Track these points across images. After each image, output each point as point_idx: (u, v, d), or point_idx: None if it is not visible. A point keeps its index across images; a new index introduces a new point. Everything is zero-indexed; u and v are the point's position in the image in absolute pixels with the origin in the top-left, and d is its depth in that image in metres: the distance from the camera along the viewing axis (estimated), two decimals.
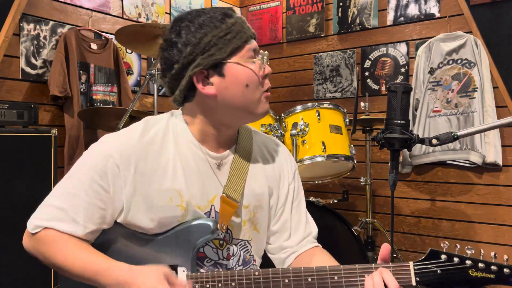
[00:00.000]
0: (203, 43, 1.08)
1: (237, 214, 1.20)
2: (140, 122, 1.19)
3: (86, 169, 1.11)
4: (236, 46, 1.10)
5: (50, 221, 1.10)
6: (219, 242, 1.19)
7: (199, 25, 1.09)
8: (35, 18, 2.68)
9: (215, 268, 1.19)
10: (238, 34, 1.10)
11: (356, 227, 2.53)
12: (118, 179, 1.09)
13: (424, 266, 1.01)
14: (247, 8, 4.20)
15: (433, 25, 3.25)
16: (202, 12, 1.12)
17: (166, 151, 1.13)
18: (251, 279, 1.07)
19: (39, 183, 2.19)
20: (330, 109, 2.59)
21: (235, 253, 1.21)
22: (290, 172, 1.32)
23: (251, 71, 1.12)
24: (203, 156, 1.17)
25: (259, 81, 1.13)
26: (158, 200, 1.11)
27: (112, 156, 1.09)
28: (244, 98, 1.12)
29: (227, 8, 1.15)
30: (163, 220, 1.13)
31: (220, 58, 1.09)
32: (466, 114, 3.05)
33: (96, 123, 2.80)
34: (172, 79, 1.13)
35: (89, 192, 1.09)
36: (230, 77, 1.11)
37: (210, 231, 1.12)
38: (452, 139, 1.19)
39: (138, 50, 2.97)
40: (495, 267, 0.98)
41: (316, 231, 1.34)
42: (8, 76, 2.57)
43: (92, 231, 1.11)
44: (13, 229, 2.03)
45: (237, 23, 1.11)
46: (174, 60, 1.11)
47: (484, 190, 3.08)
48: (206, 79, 1.11)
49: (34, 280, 2.14)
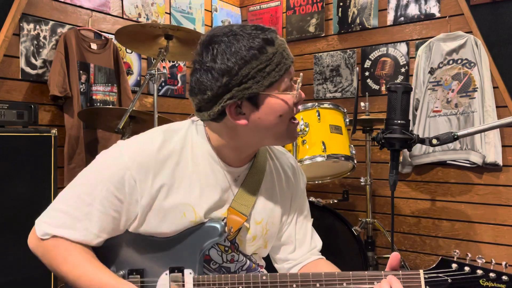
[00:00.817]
0: (240, 75, 1.01)
1: (247, 229, 1.19)
2: (159, 131, 1.15)
3: (102, 179, 1.08)
4: (274, 80, 1.04)
5: (60, 229, 1.09)
6: (225, 248, 1.19)
7: (236, 52, 1.01)
8: (35, 18, 2.67)
9: (220, 270, 1.19)
10: (278, 66, 1.04)
11: (356, 227, 2.52)
12: (134, 192, 1.08)
13: (434, 275, 1.00)
14: (247, 8, 4.20)
15: (433, 25, 3.24)
16: (241, 36, 1.03)
17: (184, 164, 1.12)
18: (258, 283, 1.07)
19: (39, 183, 2.19)
20: (330, 109, 2.59)
21: (240, 259, 1.22)
22: (300, 189, 1.32)
23: (286, 102, 1.07)
24: (221, 170, 1.15)
25: (293, 109, 1.10)
26: (172, 214, 1.11)
27: (130, 169, 1.07)
28: (276, 127, 1.09)
29: (269, 31, 1.06)
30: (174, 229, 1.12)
31: (256, 91, 1.03)
32: (466, 114, 3.05)
33: (96, 123, 2.80)
34: (203, 102, 1.07)
35: (104, 203, 1.07)
36: (264, 108, 1.06)
37: (218, 234, 1.11)
38: (452, 139, 1.19)
39: (138, 50, 2.96)
40: (506, 277, 0.96)
41: (320, 245, 1.33)
42: (8, 76, 2.57)
43: (104, 239, 1.11)
44: (13, 229, 2.04)
45: (277, 52, 1.04)
46: (207, 86, 1.04)
47: (484, 190, 3.08)
48: (238, 108, 1.06)
49: (34, 280, 2.13)
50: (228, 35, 1.04)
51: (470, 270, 0.98)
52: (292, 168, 1.31)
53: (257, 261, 1.27)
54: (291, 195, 1.29)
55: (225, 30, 1.05)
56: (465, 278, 0.98)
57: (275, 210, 1.24)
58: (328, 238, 2.49)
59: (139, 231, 1.13)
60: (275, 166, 1.27)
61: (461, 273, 0.98)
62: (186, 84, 3.69)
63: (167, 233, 1.12)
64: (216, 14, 3.98)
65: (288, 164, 1.31)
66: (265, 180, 1.22)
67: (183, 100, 3.66)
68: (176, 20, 3.61)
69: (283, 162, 1.30)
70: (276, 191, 1.25)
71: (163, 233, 1.12)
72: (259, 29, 1.05)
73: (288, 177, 1.29)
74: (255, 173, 1.20)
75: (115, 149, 1.12)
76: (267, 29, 1.06)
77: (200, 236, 1.09)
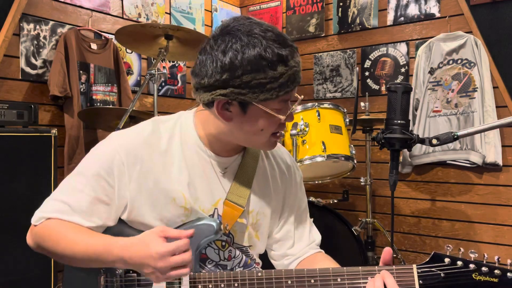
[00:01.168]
0: (241, 79, 1.01)
1: (242, 219, 1.19)
2: (149, 121, 1.18)
3: (92, 165, 1.11)
4: (270, 98, 1.03)
5: (54, 213, 1.10)
6: (222, 243, 1.20)
7: (247, 57, 1.00)
8: (35, 18, 2.67)
9: (217, 269, 1.19)
10: (280, 87, 1.02)
11: (356, 227, 2.53)
12: (123, 176, 1.10)
13: (427, 269, 1.01)
14: (247, 8, 4.20)
15: (433, 25, 3.24)
16: (258, 41, 1.00)
17: (172, 152, 1.14)
18: (254, 279, 1.08)
19: (39, 183, 2.19)
20: (330, 109, 2.59)
21: (237, 255, 1.22)
22: (295, 182, 1.32)
23: (272, 121, 1.07)
24: (208, 159, 1.16)
25: (275, 128, 1.10)
26: (162, 199, 1.12)
27: (119, 153, 1.10)
28: (255, 136, 1.10)
29: (289, 48, 1.02)
30: (166, 219, 1.13)
31: (249, 101, 1.03)
32: (466, 114, 3.05)
33: (96, 123, 2.80)
34: (198, 85, 1.08)
35: (95, 187, 1.10)
36: (250, 116, 1.06)
37: (213, 232, 1.11)
38: (452, 139, 1.19)
39: (138, 50, 2.96)
40: (498, 271, 0.97)
41: (319, 239, 1.34)
42: (8, 76, 2.57)
43: (97, 225, 1.12)
44: (13, 229, 2.04)
45: (285, 74, 1.02)
46: (207, 73, 1.04)
47: (484, 190, 3.08)
48: (227, 105, 1.06)
49: (34, 280, 2.13)
50: (248, 35, 1.01)
51: (463, 264, 0.99)
52: (286, 163, 1.31)
53: (254, 257, 1.27)
54: (285, 189, 1.29)
55: (248, 28, 1.02)
56: (458, 272, 0.99)
57: (267, 201, 1.24)
58: (328, 238, 2.49)
59: (132, 219, 1.13)
60: (268, 159, 1.28)
61: (454, 267, 0.99)
62: (186, 84, 3.69)
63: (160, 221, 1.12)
64: (216, 14, 3.98)
65: (283, 158, 1.31)
66: (257, 172, 1.23)
67: (183, 100, 3.66)
68: (176, 20, 3.61)
69: (277, 156, 1.31)
70: (269, 184, 1.25)
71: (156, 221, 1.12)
72: (280, 42, 1.02)
73: (282, 172, 1.29)
74: (247, 165, 1.21)
75: (106, 139, 1.16)
76: (288, 45, 1.03)
77: (195, 234, 1.09)
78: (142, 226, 1.14)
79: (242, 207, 1.17)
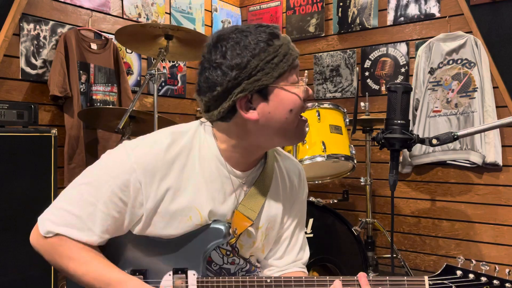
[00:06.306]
0: (250, 67, 1.03)
1: (248, 234, 1.19)
2: (166, 132, 1.14)
3: (107, 179, 1.07)
4: (282, 71, 1.05)
5: (64, 227, 1.08)
6: (226, 252, 1.20)
7: (245, 47, 1.03)
8: (35, 18, 2.68)
9: (220, 271, 1.19)
10: (284, 57, 1.05)
11: (356, 227, 2.52)
12: (139, 195, 1.07)
13: (439, 282, 1.01)
14: (247, 8, 4.20)
15: (433, 25, 3.25)
16: (248, 32, 1.05)
17: (190, 167, 1.11)
18: (262, 286, 1.07)
19: (39, 183, 2.19)
20: (330, 109, 2.59)
21: (240, 262, 1.22)
22: (301, 197, 1.31)
23: (296, 96, 1.07)
24: (228, 175, 1.14)
25: (303, 105, 1.10)
26: (178, 218, 1.10)
27: (136, 171, 1.06)
28: (287, 122, 1.08)
29: (273, 27, 1.09)
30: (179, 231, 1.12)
31: (266, 83, 1.04)
32: (466, 114, 3.05)
33: (96, 123, 2.80)
34: (212, 100, 1.07)
35: (108, 204, 1.07)
36: (274, 102, 1.06)
37: (222, 236, 1.11)
38: (452, 139, 1.18)
39: (138, 50, 2.96)
40: (509, 284, 0.97)
41: (307, 258, 1.33)
42: (8, 76, 2.57)
43: (105, 240, 1.11)
44: (13, 229, 2.04)
45: (283, 44, 1.06)
46: (217, 82, 1.04)
47: (484, 190, 3.08)
48: (249, 103, 1.06)
49: (34, 280, 2.13)
50: (235, 32, 1.06)
51: (475, 277, 0.99)
52: (299, 176, 1.30)
53: (255, 263, 1.27)
54: (293, 202, 1.28)
55: (231, 29, 1.08)
56: (470, 285, 0.99)
57: (277, 216, 1.23)
58: (328, 238, 2.50)
59: (145, 233, 1.12)
60: (280, 170, 1.26)
61: (465, 279, 0.99)
62: (186, 84, 3.69)
63: (172, 235, 1.12)
64: (216, 14, 3.98)
65: (295, 171, 1.30)
66: (272, 187, 1.21)
67: (183, 100, 3.66)
68: (176, 20, 3.61)
69: (289, 167, 1.29)
70: (280, 197, 1.24)
71: (168, 235, 1.12)
72: (264, 26, 1.08)
73: (293, 183, 1.28)
74: (265, 178, 1.19)
75: (121, 150, 1.11)
76: (271, 25, 1.09)
77: (204, 238, 1.08)
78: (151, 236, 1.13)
79: (252, 220, 1.16)
